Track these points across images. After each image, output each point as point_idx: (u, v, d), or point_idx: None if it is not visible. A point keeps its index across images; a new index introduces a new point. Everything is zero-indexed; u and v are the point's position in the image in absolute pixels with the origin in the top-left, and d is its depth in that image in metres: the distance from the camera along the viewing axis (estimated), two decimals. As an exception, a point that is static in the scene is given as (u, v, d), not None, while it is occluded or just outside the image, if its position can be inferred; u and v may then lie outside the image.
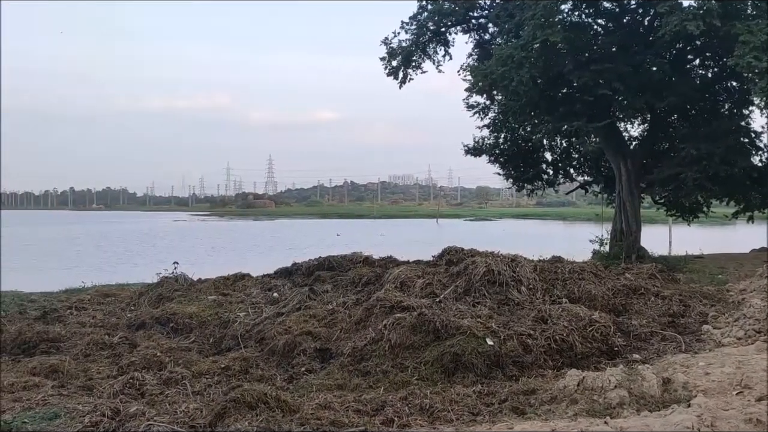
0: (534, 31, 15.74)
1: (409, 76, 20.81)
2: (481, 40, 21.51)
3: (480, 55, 20.97)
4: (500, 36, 19.54)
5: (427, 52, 20.82)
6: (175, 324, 9.95)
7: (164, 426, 5.75)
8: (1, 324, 10.25)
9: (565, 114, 17.81)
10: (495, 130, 21.82)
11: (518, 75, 16.11)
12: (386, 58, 20.61)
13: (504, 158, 22.26)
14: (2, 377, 7.55)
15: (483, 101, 20.85)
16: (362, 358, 7.67)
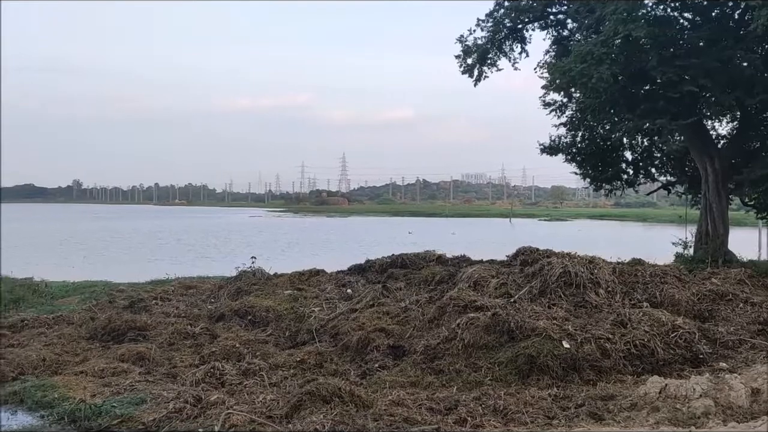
0: (615, 26, 15.22)
1: (484, 74, 20.56)
2: (560, 36, 20.98)
3: (558, 52, 20.46)
4: (579, 32, 19.01)
5: (503, 50, 20.50)
6: (253, 317, 10.24)
7: (243, 415, 5.94)
8: (94, 313, 10.86)
9: (647, 111, 17.13)
10: (572, 128, 21.24)
11: (598, 72, 15.62)
12: (461, 56, 20.43)
13: (581, 157, 21.63)
14: (93, 363, 8.00)
15: (560, 99, 20.32)
16: (435, 357, 7.67)
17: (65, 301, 13.05)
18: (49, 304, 12.71)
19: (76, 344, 9.08)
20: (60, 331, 9.76)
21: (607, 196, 25.31)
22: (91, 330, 9.66)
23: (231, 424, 5.78)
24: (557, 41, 21.13)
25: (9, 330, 9.92)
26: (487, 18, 20.24)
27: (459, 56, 20.61)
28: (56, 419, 6.11)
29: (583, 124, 21.05)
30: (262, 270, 13.22)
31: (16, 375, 7.59)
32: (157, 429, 5.87)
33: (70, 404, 6.34)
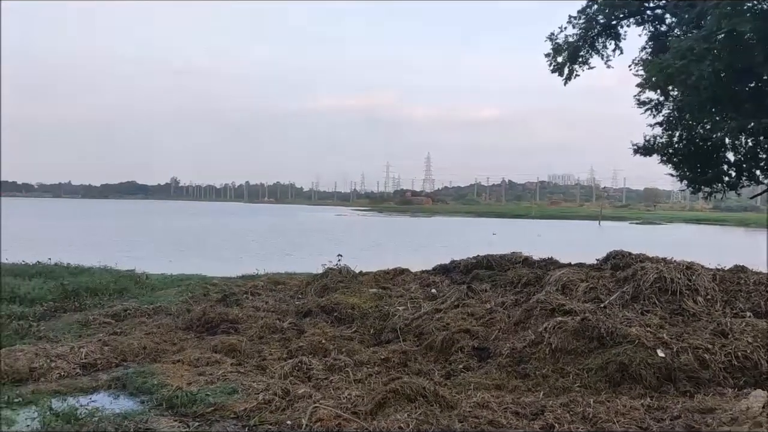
0: (718, 21, 14.42)
1: (575, 73, 19.98)
2: (657, 32, 20.10)
3: (655, 49, 19.60)
4: (678, 27, 18.16)
5: (596, 47, 19.86)
6: (339, 313, 10.41)
7: (329, 409, 6.06)
8: (189, 305, 11.38)
9: (752, 110, 16.15)
10: (669, 127, 20.28)
11: (698, 69, 14.85)
12: (551, 54, 19.94)
13: (678, 158, 20.61)
14: (189, 352, 8.38)
15: (656, 97, 19.47)
16: (521, 360, 7.55)
17: (163, 293, 13.73)
18: (149, 295, 13.42)
19: (173, 334, 9.52)
20: (159, 321, 10.27)
21: (706, 199, 24.06)
22: (187, 321, 10.10)
23: (317, 418, 5.91)
24: (654, 37, 20.26)
25: (113, 318, 10.55)
26: (580, 15, 19.66)
27: (549, 54, 20.13)
28: (155, 404, 6.43)
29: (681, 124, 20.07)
30: (347, 268, 13.41)
31: (119, 361, 8.06)
32: (248, 418, 6.08)
33: (168, 391, 6.66)
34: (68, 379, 7.28)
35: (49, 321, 10.40)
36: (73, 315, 10.93)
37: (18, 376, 7.19)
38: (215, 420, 6.11)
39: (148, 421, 5.81)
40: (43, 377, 7.26)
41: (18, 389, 6.77)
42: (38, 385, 7.03)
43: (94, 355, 8.01)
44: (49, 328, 9.76)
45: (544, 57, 20.19)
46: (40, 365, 7.47)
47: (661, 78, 16.44)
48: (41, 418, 5.81)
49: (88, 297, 12.52)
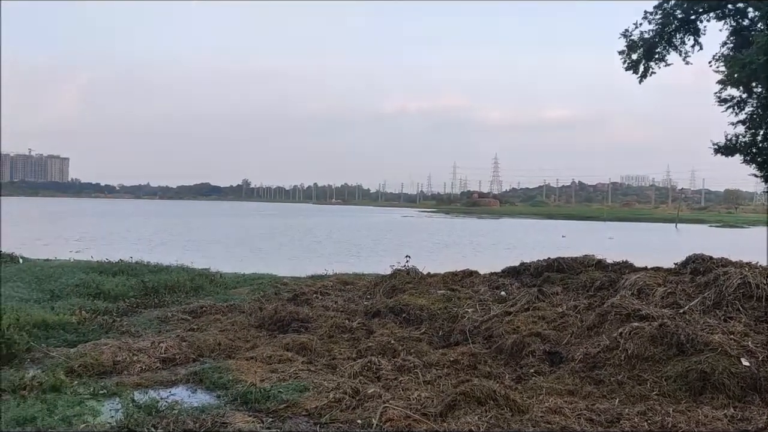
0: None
1: (650, 70, 19.32)
2: (739, 26, 19.17)
3: (737, 44, 18.72)
4: (762, 21, 17.26)
5: (673, 43, 19.12)
6: (407, 314, 10.43)
7: (399, 410, 6.08)
8: (261, 303, 11.65)
9: None
10: (752, 126, 19.32)
11: (785, 64, 14.11)
12: (625, 52, 19.34)
13: (763, 158, 19.62)
14: (262, 349, 8.57)
15: (739, 94, 18.60)
16: (595, 366, 7.35)
17: (237, 291, 14.13)
18: (223, 293, 13.84)
19: (246, 331, 9.77)
20: (233, 319, 10.57)
21: (793, 200, 22.79)
22: (260, 319, 10.35)
23: (387, 418, 5.94)
24: (736, 32, 19.34)
25: (190, 315, 10.93)
26: (656, 10, 18.99)
27: (623, 52, 19.53)
28: (230, 399, 6.62)
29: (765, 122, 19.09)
30: (415, 269, 13.43)
31: (196, 357, 8.33)
32: (319, 416, 6.17)
33: (243, 387, 6.84)
34: (149, 373, 7.58)
35: (131, 316, 10.87)
36: (153, 311, 11.40)
37: (102, 368, 7.54)
38: (287, 417, 6.24)
39: (225, 416, 5.99)
40: (125, 370, 7.60)
41: (102, 381, 7.11)
42: (121, 377, 7.35)
43: (172, 350, 8.32)
44: (131, 323, 10.21)
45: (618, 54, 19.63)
46: (123, 359, 7.82)
47: (743, 74, 15.71)
48: (124, 409, 6.08)
49: (167, 294, 13.04)
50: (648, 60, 19.29)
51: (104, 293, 12.45)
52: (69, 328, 9.40)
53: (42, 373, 7.07)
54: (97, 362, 7.59)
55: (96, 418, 5.93)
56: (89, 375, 7.28)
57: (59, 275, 14.00)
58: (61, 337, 9.01)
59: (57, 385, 6.65)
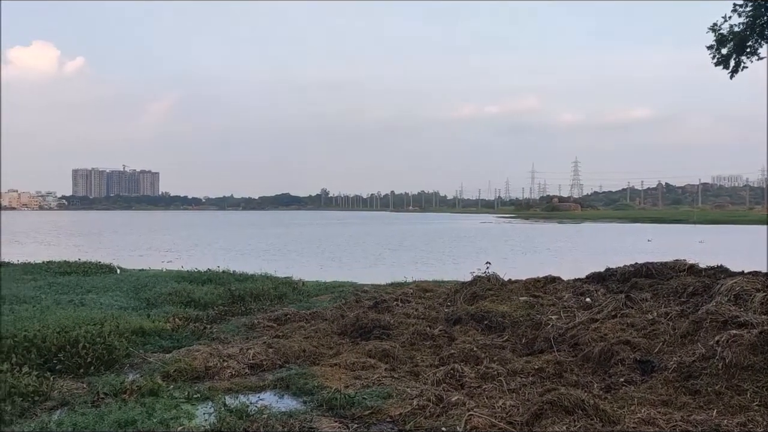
0: None
1: (742, 64, 18.34)
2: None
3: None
4: None
5: (766, 36, 18.11)
6: (489, 321, 10.31)
7: (484, 418, 6.02)
8: (343, 311, 11.82)
9: None
10: None
11: None
12: (714, 46, 18.43)
13: None
14: (345, 356, 8.69)
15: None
16: (690, 375, 7.01)
17: (318, 299, 14.41)
18: (305, 301, 14.15)
19: (329, 338, 9.93)
20: (316, 326, 10.77)
21: None
22: (342, 326, 10.50)
23: (472, 426, 5.89)
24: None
25: (275, 322, 11.22)
26: (746, 2, 18.04)
27: (711, 47, 18.63)
28: (316, 405, 6.75)
29: None
30: (496, 275, 13.26)
31: (282, 363, 8.54)
32: (404, 423, 6.19)
33: (328, 393, 6.96)
34: (238, 378, 7.84)
35: (219, 324, 11.28)
36: (240, 318, 11.78)
37: (195, 373, 7.86)
38: (372, 423, 6.30)
39: (312, 421, 6.12)
40: (217, 375, 7.89)
41: (196, 386, 7.40)
42: (213, 382, 7.64)
43: (260, 356, 8.57)
44: (220, 330, 10.60)
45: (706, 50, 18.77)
46: (214, 364, 8.12)
47: None
48: (217, 413, 6.31)
49: (252, 302, 13.46)
50: (739, 54, 18.33)
51: (195, 301, 12.99)
52: (164, 335, 9.87)
53: (140, 377, 7.45)
54: (191, 367, 7.92)
55: (191, 421, 6.19)
56: (183, 380, 7.60)
57: (153, 284, 14.72)
58: (157, 343, 9.47)
59: (155, 389, 6.99)
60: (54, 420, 6.09)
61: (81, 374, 7.73)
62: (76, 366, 7.84)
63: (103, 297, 12.94)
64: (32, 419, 6.19)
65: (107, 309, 11.34)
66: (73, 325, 8.80)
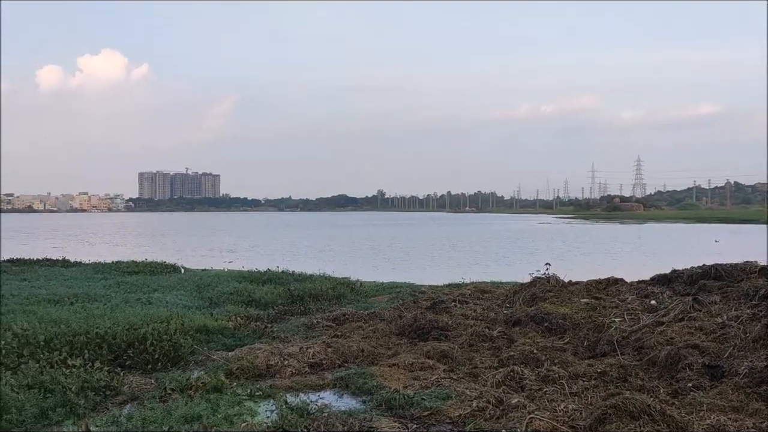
0: None
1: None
2: None
3: None
4: None
5: None
6: (549, 323, 10.13)
7: (545, 421, 5.92)
8: (401, 311, 11.84)
9: None
10: None
11: None
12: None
13: None
14: (403, 357, 8.70)
15: None
16: (762, 381, 6.72)
17: (376, 300, 14.48)
18: (363, 301, 14.24)
19: (387, 339, 9.96)
20: (374, 326, 10.82)
21: None
22: (400, 327, 10.51)
23: (533, 429, 5.81)
24: None
25: (333, 322, 11.34)
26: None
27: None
28: (376, 405, 6.78)
29: None
30: (556, 277, 13.01)
31: (341, 362, 8.63)
32: (463, 424, 6.15)
33: (387, 392, 6.99)
34: (299, 377, 7.96)
35: (279, 323, 11.48)
36: (299, 318, 11.96)
37: (257, 371, 8.03)
38: (431, 424, 6.28)
39: (372, 420, 6.15)
40: (278, 374, 8.03)
41: (258, 383, 7.55)
42: (274, 380, 7.78)
43: (319, 355, 8.68)
44: (280, 329, 10.78)
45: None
46: (275, 363, 8.27)
47: None
48: (278, 411, 6.42)
49: (311, 302, 13.64)
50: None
51: (255, 301, 13.27)
52: (226, 333, 10.12)
53: (205, 374, 7.65)
54: (253, 365, 8.09)
55: (254, 418, 6.32)
56: (246, 377, 7.77)
57: (216, 284, 15.11)
58: (220, 341, 9.71)
59: (218, 386, 7.18)
60: (124, 414, 6.33)
61: (149, 370, 8.01)
62: (145, 362, 8.13)
63: (169, 296, 13.35)
64: (104, 413, 6.46)
65: (172, 307, 11.71)
66: (141, 322, 9.14)
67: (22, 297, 12.41)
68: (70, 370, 7.18)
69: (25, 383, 6.74)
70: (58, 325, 8.95)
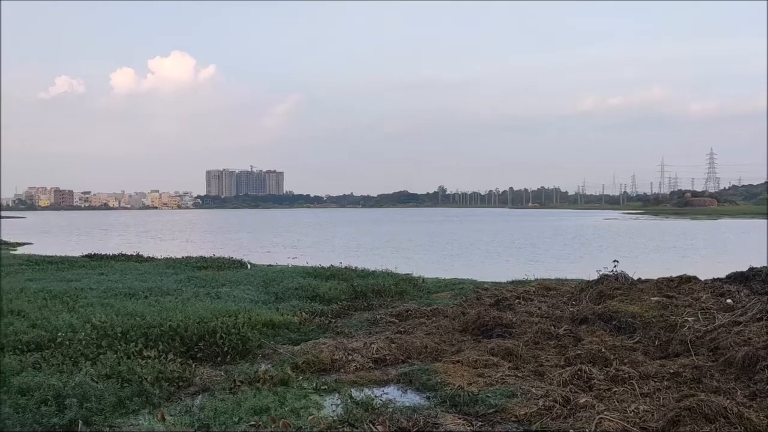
0: None
1: None
2: None
3: None
4: None
5: None
6: (618, 322, 9.87)
7: (615, 422, 5.77)
8: (464, 308, 11.77)
9: None
10: None
11: None
12: None
13: None
14: (467, 353, 8.65)
15: None
16: None
17: (439, 296, 14.45)
18: (426, 297, 14.24)
19: (451, 335, 9.93)
20: (437, 323, 10.80)
21: None
22: (463, 323, 10.46)
23: (603, 430, 5.68)
24: None
25: (396, 318, 11.39)
26: None
27: None
28: (440, 401, 6.77)
29: None
30: (624, 274, 12.66)
31: (404, 358, 8.65)
32: (530, 423, 6.07)
33: (451, 389, 6.97)
34: (363, 372, 8.03)
35: (343, 318, 11.61)
36: (362, 314, 12.07)
37: (322, 366, 8.15)
38: (497, 422, 6.22)
39: (437, 417, 6.15)
40: (342, 368, 8.13)
41: (323, 377, 7.67)
42: (339, 375, 7.88)
43: (383, 351, 8.73)
44: (344, 324, 10.91)
45: None
46: (340, 357, 8.37)
47: None
48: (344, 405, 6.50)
49: (374, 297, 13.74)
50: None
51: (319, 296, 13.47)
52: (292, 328, 10.32)
53: (272, 368, 7.83)
54: (318, 360, 8.22)
55: (320, 411, 6.42)
56: (311, 371, 7.90)
57: (281, 279, 15.41)
58: (286, 335, 9.91)
59: (285, 379, 7.33)
60: (196, 404, 6.55)
61: (218, 362, 8.25)
62: (214, 354, 8.38)
63: (236, 290, 13.71)
64: (177, 403, 6.69)
65: (240, 302, 12.01)
66: (211, 316, 9.42)
67: (99, 290, 13.00)
68: (146, 361, 7.48)
69: (104, 373, 7.06)
70: (134, 318, 9.34)
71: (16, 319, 9.57)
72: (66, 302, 11.22)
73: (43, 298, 11.56)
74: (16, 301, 11.03)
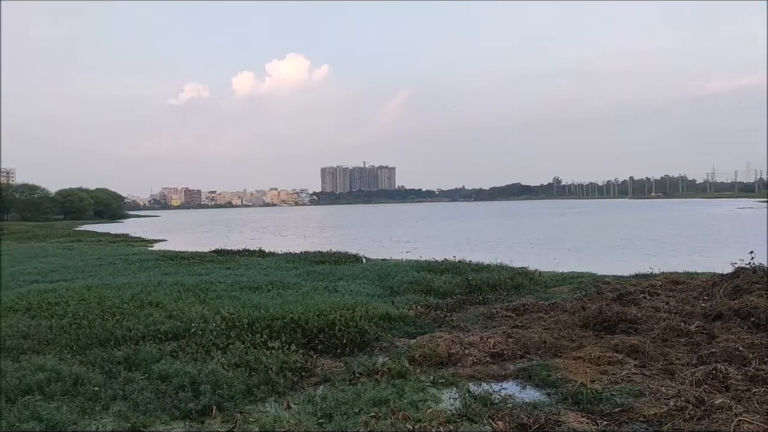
0: None
1: None
2: None
3: None
4: None
5: None
6: (757, 318, 9.14)
7: (757, 425, 5.36)
8: (584, 303, 11.36)
9: None
10: None
11: None
12: None
13: None
14: (589, 350, 8.34)
15: None
16: None
17: (556, 290, 14.04)
18: (543, 291, 13.89)
19: (570, 330, 9.61)
20: (555, 317, 10.50)
21: None
22: (583, 318, 10.09)
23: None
24: None
25: (513, 312, 11.18)
26: None
27: None
28: (561, 398, 6.57)
29: None
30: (763, 267, 11.68)
31: (522, 353, 8.48)
32: (660, 424, 5.76)
33: (572, 386, 6.74)
34: (480, 366, 7.95)
35: (458, 312, 11.56)
36: (478, 308, 11.95)
37: (439, 359, 8.15)
38: (623, 421, 5.95)
39: (559, 414, 5.98)
40: (459, 362, 8.09)
41: (440, 371, 7.68)
42: (456, 369, 7.85)
43: (500, 345, 8.61)
44: (459, 318, 10.86)
45: None
46: (456, 351, 8.35)
47: None
48: (462, 399, 6.48)
49: (489, 291, 13.59)
50: None
51: (434, 290, 13.50)
52: (408, 321, 10.41)
53: (390, 360, 7.94)
54: (434, 353, 8.24)
55: (438, 404, 6.43)
56: (428, 365, 7.94)
57: (395, 273, 15.60)
58: (402, 329, 10.01)
59: (403, 372, 7.41)
60: (319, 394, 6.77)
61: (338, 354, 8.48)
62: (334, 346, 8.63)
63: (352, 284, 14.03)
64: (300, 392, 6.95)
65: (356, 295, 12.29)
66: (330, 309, 9.71)
67: (227, 284, 13.76)
68: (271, 352, 7.84)
69: (233, 362, 7.46)
70: (258, 310, 9.81)
71: (155, 310, 10.34)
72: (198, 295, 11.99)
73: (177, 291, 12.41)
74: (154, 294, 11.93)
